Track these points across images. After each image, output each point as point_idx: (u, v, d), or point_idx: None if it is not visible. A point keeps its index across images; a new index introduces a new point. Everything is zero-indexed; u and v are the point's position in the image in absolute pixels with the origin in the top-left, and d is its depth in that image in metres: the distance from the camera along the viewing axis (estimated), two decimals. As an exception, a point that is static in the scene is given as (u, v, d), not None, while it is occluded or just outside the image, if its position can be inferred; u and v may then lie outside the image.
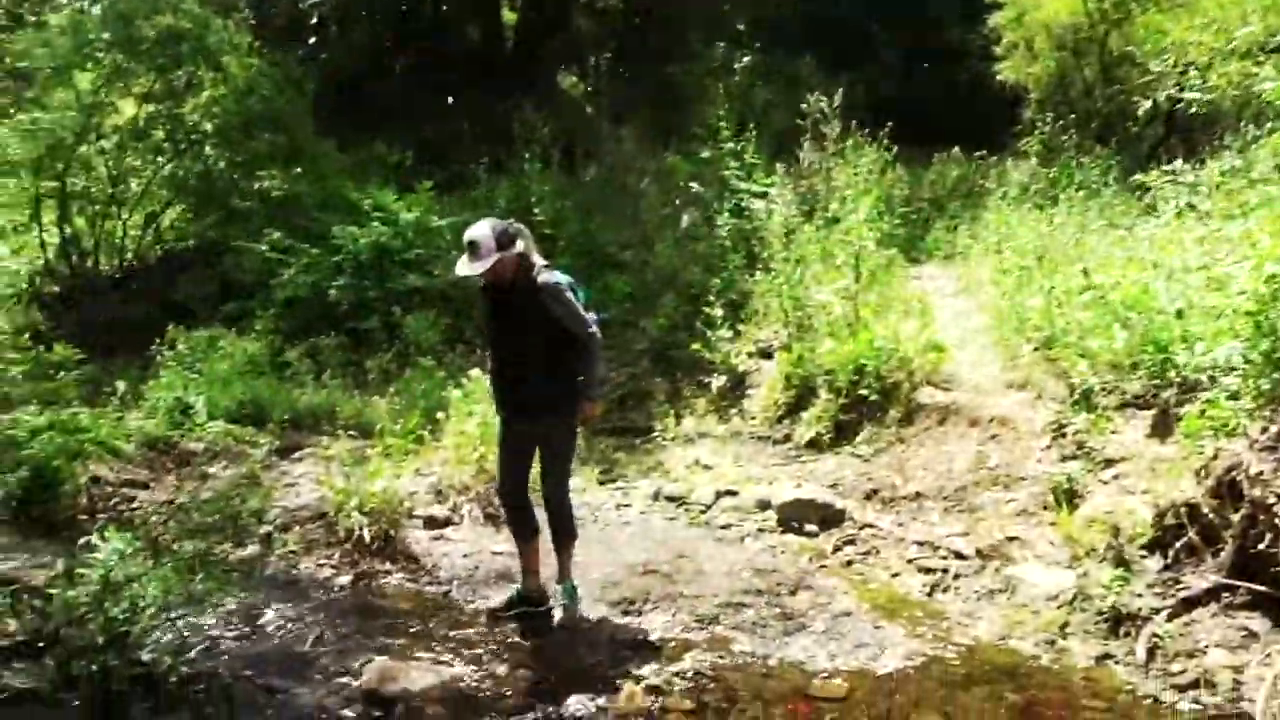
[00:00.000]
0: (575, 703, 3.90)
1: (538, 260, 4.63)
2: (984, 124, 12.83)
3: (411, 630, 4.66)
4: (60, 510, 6.18)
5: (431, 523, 5.85)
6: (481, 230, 4.47)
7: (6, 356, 5.14)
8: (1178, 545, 4.46)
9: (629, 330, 8.99)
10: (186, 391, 7.93)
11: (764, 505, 6.06)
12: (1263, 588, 4.03)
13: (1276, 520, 3.97)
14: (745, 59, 14.55)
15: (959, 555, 5.21)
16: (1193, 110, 9.08)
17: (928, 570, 5.17)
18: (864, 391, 6.75)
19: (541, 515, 4.78)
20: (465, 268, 4.51)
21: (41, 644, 4.11)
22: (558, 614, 4.71)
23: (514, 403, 4.71)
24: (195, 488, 6.34)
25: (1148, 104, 10.13)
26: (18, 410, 6.33)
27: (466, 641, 4.54)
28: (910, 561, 5.30)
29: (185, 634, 4.23)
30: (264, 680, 4.09)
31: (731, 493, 6.30)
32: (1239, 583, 4.12)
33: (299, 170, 12.04)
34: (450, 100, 14.82)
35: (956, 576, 5.05)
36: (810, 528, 5.78)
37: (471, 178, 12.10)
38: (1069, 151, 9.84)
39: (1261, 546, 4.03)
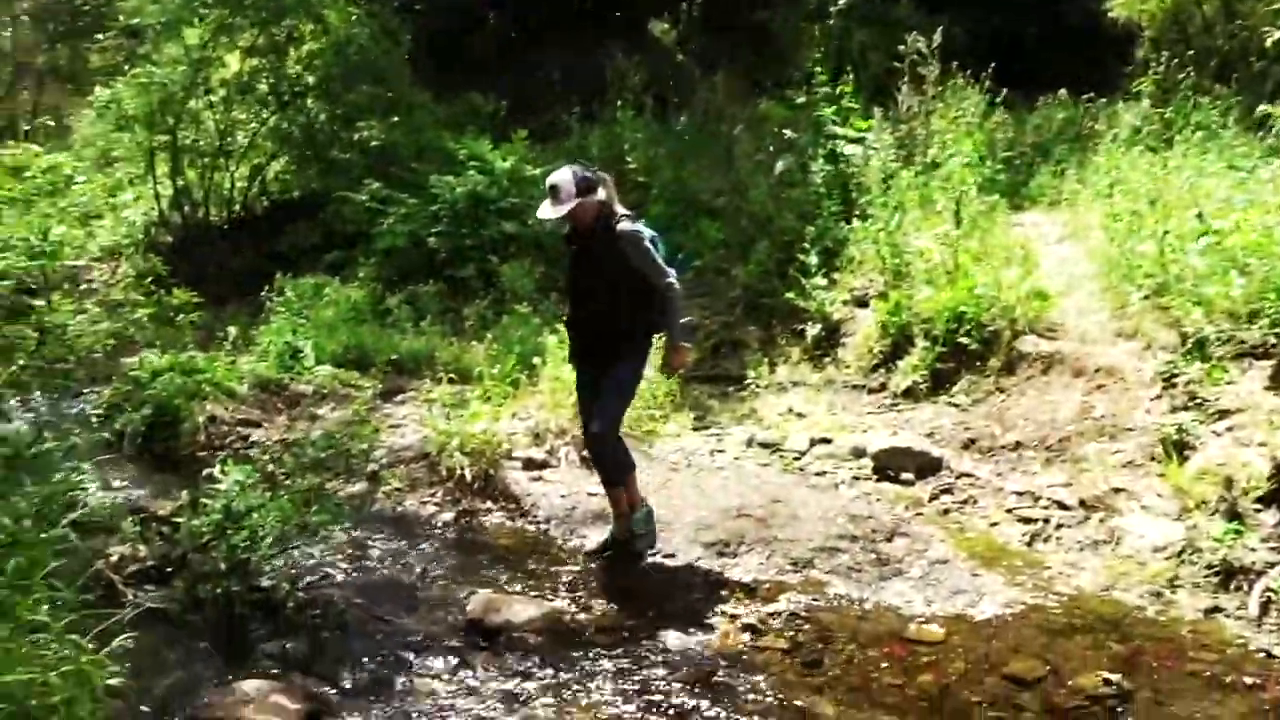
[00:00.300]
0: (673, 639, 3.99)
1: (619, 209, 4.65)
2: (1093, 65, 12.22)
3: (512, 566, 4.81)
4: (181, 447, 6.55)
5: (529, 464, 5.99)
6: (563, 175, 4.54)
7: (133, 299, 5.41)
8: (1296, 499, 4.30)
9: (721, 278, 8.95)
10: (295, 336, 8.24)
11: (859, 453, 6.03)
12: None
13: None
14: (841, 1, 14.15)
15: (1061, 506, 5.12)
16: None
17: (1028, 520, 5.09)
18: (963, 340, 6.61)
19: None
20: (546, 211, 4.60)
21: (170, 569, 4.37)
22: (637, 543, 4.77)
23: (586, 349, 4.79)
24: (306, 427, 6.61)
25: (1277, 35, 9.50)
26: (142, 352, 6.68)
27: (565, 578, 4.67)
28: (1009, 511, 5.23)
29: (300, 563, 4.46)
30: (374, 609, 4.28)
31: (825, 440, 6.28)
32: (1363, 538, 3.97)
33: (396, 121, 12.23)
34: (543, 50, 14.81)
35: (1058, 527, 4.96)
36: (906, 476, 5.74)
37: (564, 127, 12.13)
38: (1185, 91, 9.34)
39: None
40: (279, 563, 4.30)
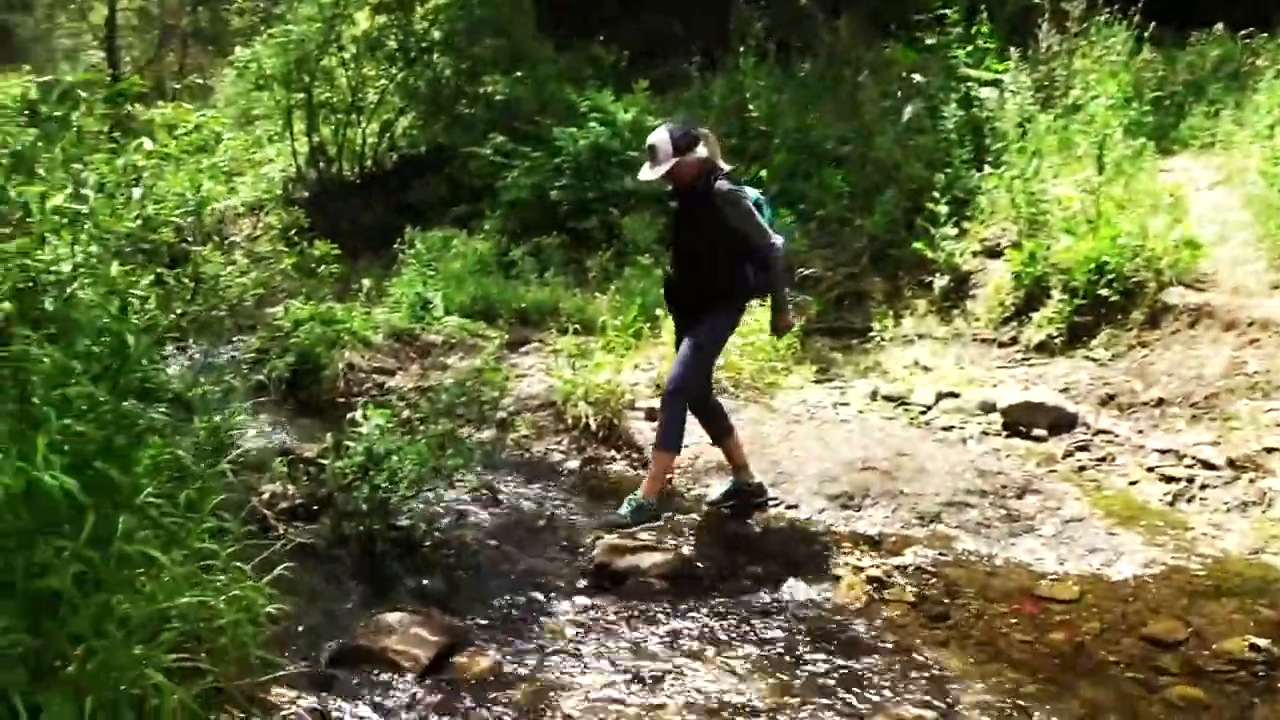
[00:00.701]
0: (796, 589, 4.01)
1: (722, 166, 4.54)
2: (1254, -3, 11.36)
3: (636, 513, 4.88)
4: (322, 393, 6.89)
5: (652, 414, 6.04)
6: (660, 135, 4.45)
7: (278, 250, 5.68)
8: None
9: (845, 228, 8.78)
10: (425, 288, 8.52)
11: (988, 408, 5.88)
12: None
13: None
14: (975, -64, 13.51)
15: (1207, 465, 4.89)
16: None
17: (1170, 479, 4.89)
18: (1103, 292, 6.33)
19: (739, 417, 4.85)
20: (645, 173, 4.52)
21: (316, 507, 4.62)
22: (610, 516, 4.59)
23: (683, 308, 4.73)
24: (437, 376, 6.85)
25: None
26: (286, 302, 7.02)
27: (689, 526, 4.73)
28: (1150, 470, 5.02)
29: (436, 504, 4.65)
30: (505, 550, 4.44)
31: (953, 394, 6.15)
32: None
33: (520, 74, 12.36)
34: (664, -2, 14.66)
35: (1203, 487, 4.75)
36: (1038, 432, 5.57)
37: (686, 76, 12.01)
38: (1359, 23, 8.61)
39: None
40: (416, 504, 4.50)
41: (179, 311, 4.65)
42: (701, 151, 4.48)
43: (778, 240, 4.48)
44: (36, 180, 2.98)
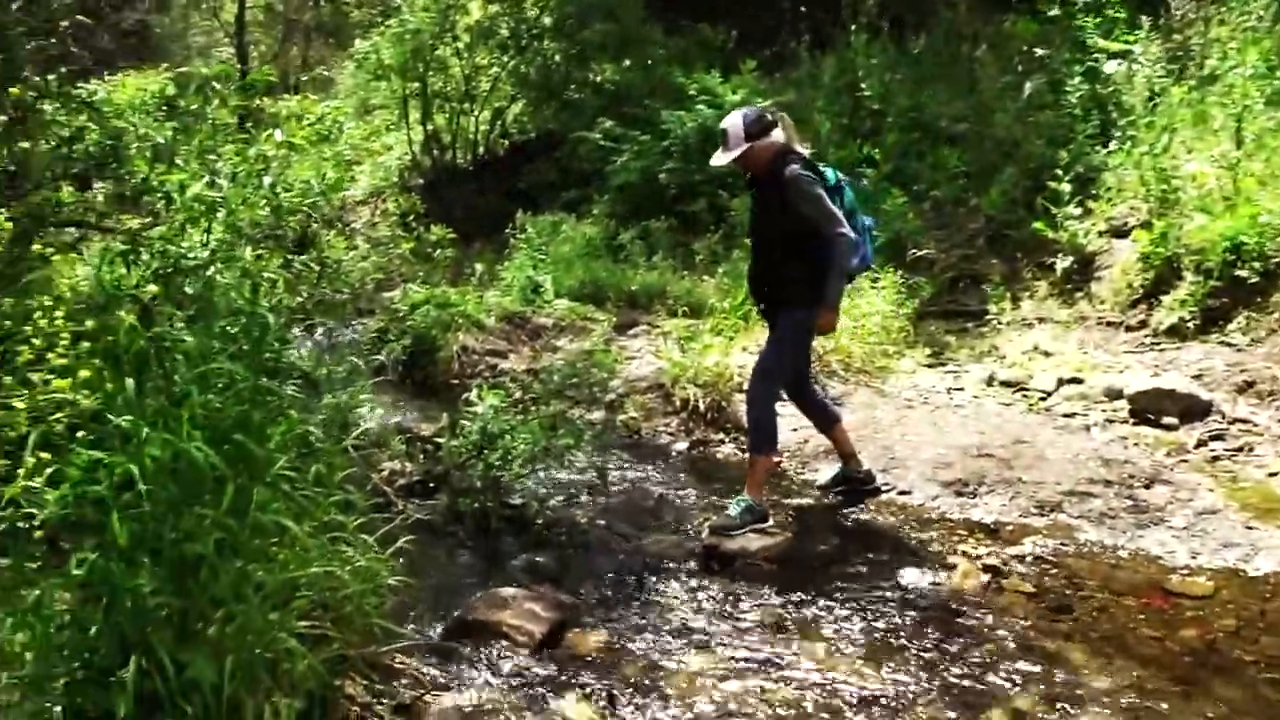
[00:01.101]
0: (908, 576, 3.93)
1: (799, 151, 4.38)
2: None
3: (745, 496, 4.88)
4: (437, 374, 7.09)
5: (761, 397, 6.02)
6: (732, 119, 4.34)
7: (396, 236, 5.86)
8: None
9: (960, 209, 8.54)
10: (535, 272, 8.66)
11: (1113, 394, 5.64)
12: None
13: None
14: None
15: (1356, 457, 4.59)
16: None
17: (1314, 471, 4.61)
18: (1241, 273, 5.99)
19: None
20: (716, 157, 4.42)
21: (433, 484, 4.78)
22: (714, 518, 4.38)
23: (763, 298, 4.61)
24: (548, 358, 6.97)
25: None
26: (403, 286, 7.24)
27: (798, 511, 4.71)
28: (1292, 461, 4.75)
29: (547, 483, 4.75)
30: (615, 529, 4.50)
31: (1075, 380, 5.92)
32: None
33: (629, 58, 12.39)
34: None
35: (1351, 480, 4.46)
36: (1168, 420, 5.32)
37: (795, 56, 11.84)
38: None
39: None
40: (529, 482, 4.61)
41: (305, 294, 4.85)
42: (776, 136, 4.35)
43: (845, 228, 4.22)
44: (176, 170, 3.15)
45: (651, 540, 4.36)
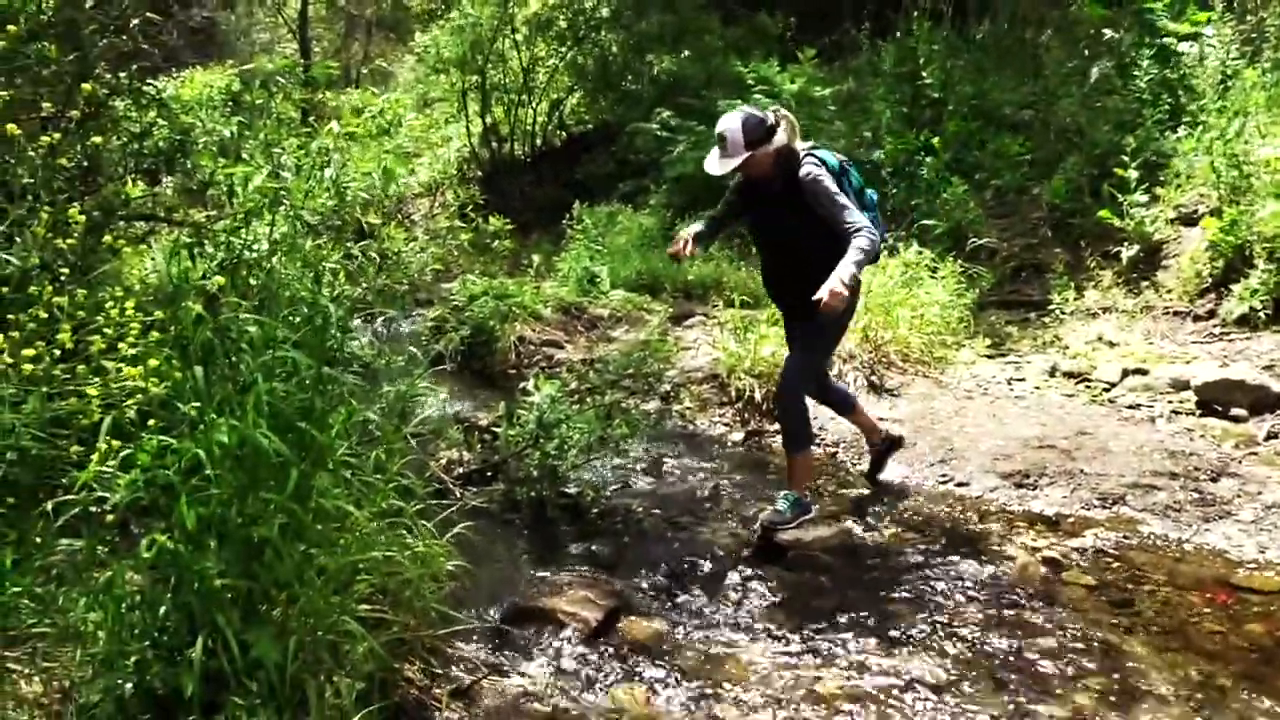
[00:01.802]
0: (967, 567, 3.90)
1: (801, 147, 4.12)
2: None
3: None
4: (495, 364, 7.17)
5: (816, 388, 5.99)
6: (731, 123, 3.99)
7: (454, 227, 5.94)
8: None
9: (1023, 197, 8.37)
10: (592, 262, 8.71)
11: (1180, 385, 5.51)
12: None
13: None
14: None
15: None
16: None
17: (1392, 466, 4.46)
18: (1316, 261, 5.81)
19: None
20: (713, 164, 4.07)
21: (490, 472, 4.84)
22: (764, 514, 4.24)
23: (786, 303, 4.40)
24: (604, 348, 7.01)
25: None
26: (461, 276, 7.33)
27: (854, 500, 4.68)
28: (1369, 455, 4.59)
29: (603, 472, 4.78)
30: (670, 518, 4.52)
31: (1140, 371, 5.79)
32: None
33: (685, 49, 12.37)
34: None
35: None
36: (1237, 412, 5.18)
37: (854, 43, 11.71)
38: None
39: None
40: (585, 472, 4.65)
41: (365, 285, 4.95)
42: (779, 139, 4.06)
43: (866, 224, 3.91)
44: (240, 164, 3.24)
45: (706, 530, 4.38)
